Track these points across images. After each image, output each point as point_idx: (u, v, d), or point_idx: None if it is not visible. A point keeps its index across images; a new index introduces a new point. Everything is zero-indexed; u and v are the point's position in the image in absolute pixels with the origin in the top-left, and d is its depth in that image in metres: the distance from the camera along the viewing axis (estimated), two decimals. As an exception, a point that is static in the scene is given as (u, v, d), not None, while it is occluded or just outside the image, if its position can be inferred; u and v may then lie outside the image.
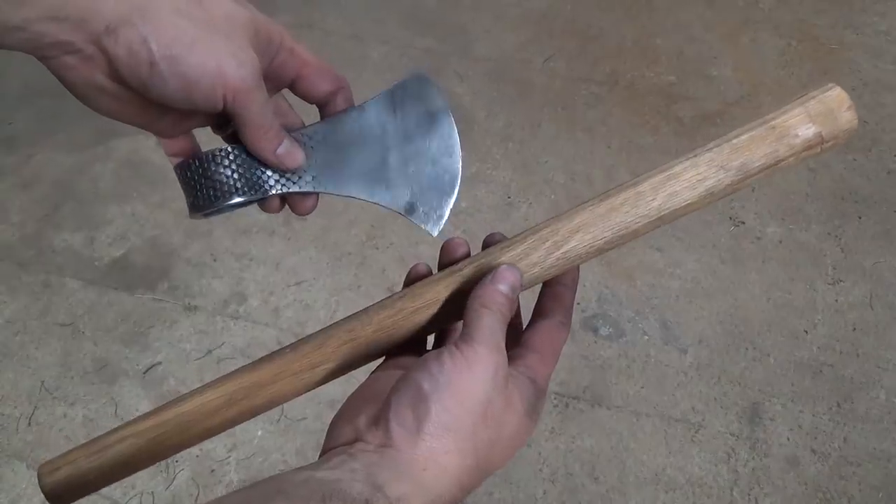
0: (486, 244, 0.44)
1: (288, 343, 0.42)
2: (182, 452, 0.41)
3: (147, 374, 1.48)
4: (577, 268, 0.43)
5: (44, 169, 1.87)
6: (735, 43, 2.04)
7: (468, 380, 0.34)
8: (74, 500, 0.41)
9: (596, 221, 0.41)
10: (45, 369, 1.50)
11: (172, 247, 1.69)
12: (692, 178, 0.40)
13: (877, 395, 1.38)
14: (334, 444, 0.35)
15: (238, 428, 1.59)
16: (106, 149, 1.89)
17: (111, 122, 0.43)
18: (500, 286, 0.38)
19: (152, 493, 1.33)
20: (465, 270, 0.41)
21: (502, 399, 0.35)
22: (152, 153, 1.87)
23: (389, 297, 0.42)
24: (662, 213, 0.41)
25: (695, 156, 0.41)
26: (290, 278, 1.61)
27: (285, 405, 1.41)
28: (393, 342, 0.42)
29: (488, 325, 0.36)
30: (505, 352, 0.36)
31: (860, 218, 1.65)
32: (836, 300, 1.52)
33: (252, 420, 1.44)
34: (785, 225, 1.64)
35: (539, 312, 0.43)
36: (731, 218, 1.66)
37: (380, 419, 0.34)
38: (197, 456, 1.36)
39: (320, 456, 0.35)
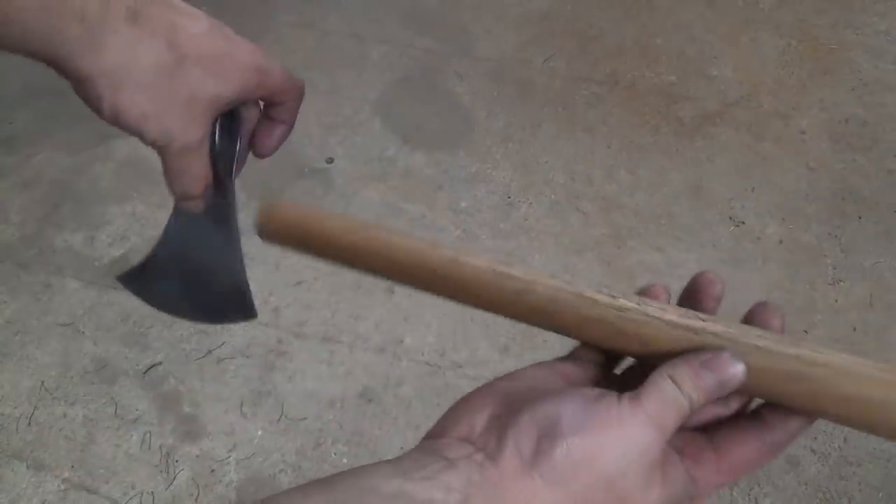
0: (692, 288, 0.38)
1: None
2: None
3: (147, 374, 1.48)
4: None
5: (44, 169, 1.87)
6: (735, 43, 2.04)
7: (611, 440, 0.30)
8: (283, 244, 0.44)
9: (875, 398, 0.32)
10: (45, 369, 1.50)
11: (172, 247, 1.69)
12: None
13: (877, 395, 1.38)
14: (444, 431, 0.33)
15: (238, 427, 1.57)
16: (106, 149, 1.89)
17: (111, 122, 0.44)
18: (707, 374, 0.32)
19: (152, 493, 1.33)
20: (707, 336, 0.34)
21: (641, 480, 0.31)
22: (152, 153, 1.86)
23: (626, 298, 0.36)
24: None
25: None
26: (290, 278, 1.61)
27: (284, 405, 1.41)
28: (600, 338, 0.36)
29: (666, 399, 0.31)
30: (666, 434, 0.32)
31: (860, 218, 1.65)
32: (836, 300, 1.52)
33: (252, 419, 1.44)
34: (785, 225, 1.64)
35: (751, 416, 0.36)
36: (731, 218, 1.66)
37: (502, 427, 0.31)
38: (197, 456, 1.36)
39: (426, 438, 0.33)
